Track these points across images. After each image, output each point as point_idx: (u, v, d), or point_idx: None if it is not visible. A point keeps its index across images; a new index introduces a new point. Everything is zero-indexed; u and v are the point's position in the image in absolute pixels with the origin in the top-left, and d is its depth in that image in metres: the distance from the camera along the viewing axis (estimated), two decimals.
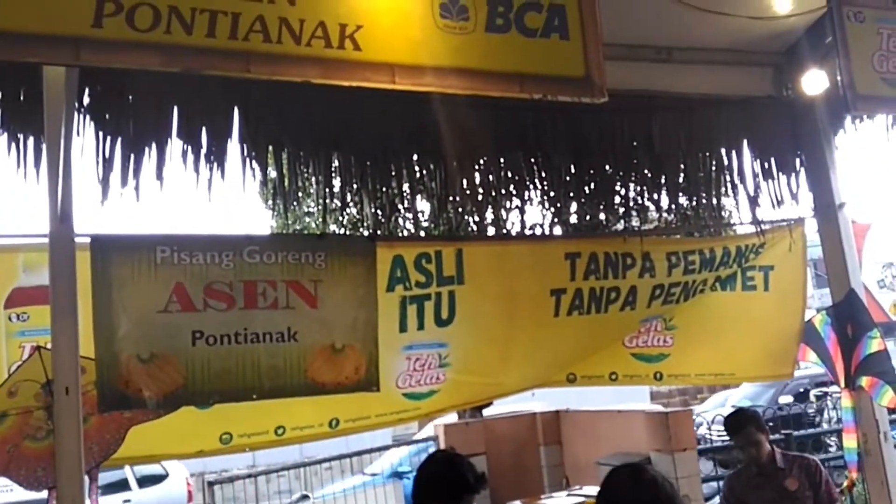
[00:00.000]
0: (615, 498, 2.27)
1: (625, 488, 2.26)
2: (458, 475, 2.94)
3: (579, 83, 2.91)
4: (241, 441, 4.09)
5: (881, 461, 4.81)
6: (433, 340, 4.43)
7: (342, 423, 4.32)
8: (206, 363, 3.70)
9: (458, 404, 5.14)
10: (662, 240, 5.08)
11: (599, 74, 2.88)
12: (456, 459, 3.11)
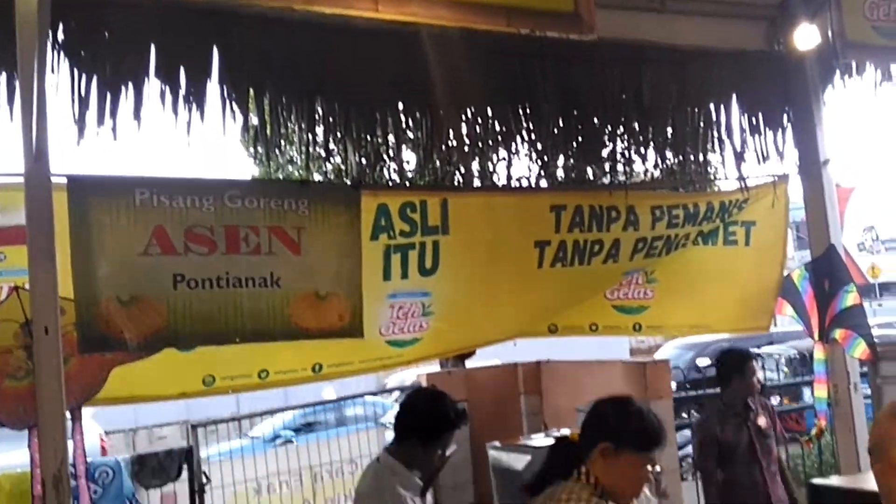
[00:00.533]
0: (603, 426, 2.29)
1: (613, 417, 2.29)
2: (439, 410, 2.98)
3: (567, 18, 2.86)
4: (223, 384, 4.12)
5: (850, 410, 4.94)
6: (417, 289, 4.45)
7: (325, 369, 4.36)
8: (187, 306, 3.71)
9: (440, 352, 5.18)
10: (647, 194, 5.08)
11: (588, 10, 2.84)
12: (437, 395, 3.14)
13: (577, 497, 2.19)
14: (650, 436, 2.27)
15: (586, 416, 2.37)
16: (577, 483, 2.24)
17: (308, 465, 5.76)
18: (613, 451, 2.23)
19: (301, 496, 5.78)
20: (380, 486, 2.94)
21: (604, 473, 2.23)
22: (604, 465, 2.23)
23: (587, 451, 2.26)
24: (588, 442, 2.28)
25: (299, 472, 5.75)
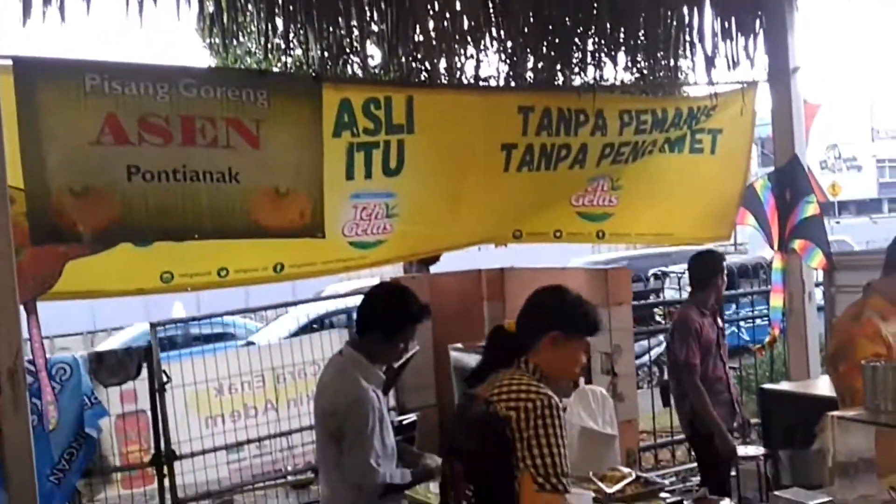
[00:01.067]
0: (550, 316, 2.35)
1: (558, 306, 2.37)
2: (402, 304, 2.97)
3: None
4: (182, 281, 4.06)
5: (803, 319, 5.06)
6: (380, 190, 4.38)
7: (287, 269, 4.31)
8: (143, 200, 3.61)
9: (404, 255, 5.15)
10: (616, 97, 5.01)
11: None
12: (400, 289, 3.13)
13: (518, 380, 2.25)
14: (592, 321, 2.39)
15: (526, 308, 2.41)
16: (518, 371, 2.30)
17: (270, 366, 5.77)
18: (564, 338, 2.32)
19: (263, 397, 5.82)
20: (343, 378, 2.94)
21: (547, 361, 2.32)
22: (549, 353, 2.31)
23: (531, 340, 2.32)
24: (532, 333, 2.33)
25: (261, 372, 5.77)
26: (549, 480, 2.12)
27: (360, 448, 2.81)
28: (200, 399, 5.56)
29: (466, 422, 2.35)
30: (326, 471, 3.01)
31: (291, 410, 5.86)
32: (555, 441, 2.15)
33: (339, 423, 2.86)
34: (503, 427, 2.16)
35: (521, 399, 2.18)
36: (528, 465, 2.13)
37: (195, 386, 5.51)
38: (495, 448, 2.18)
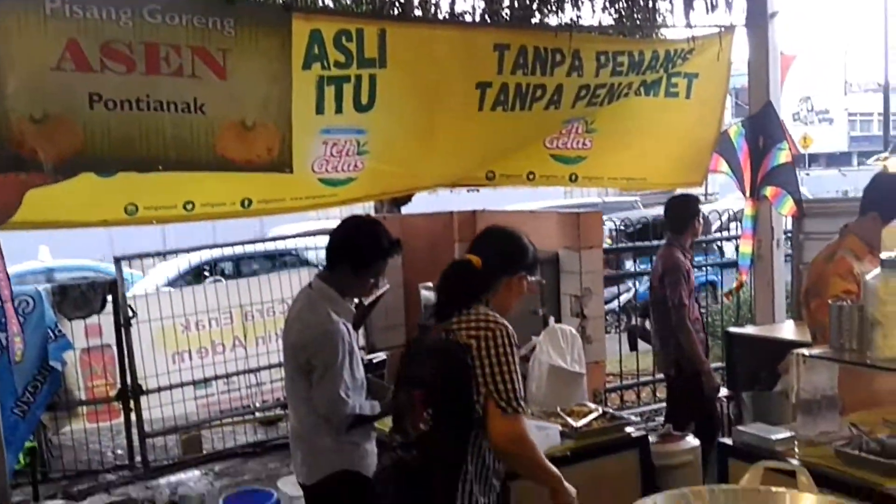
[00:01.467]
0: (511, 260, 2.48)
1: (517, 251, 2.51)
2: (373, 237, 2.94)
3: None
4: (147, 213, 3.97)
5: (770, 265, 5.12)
6: (351, 126, 4.28)
7: (255, 204, 4.23)
8: (106, 128, 3.50)
9: (375, 194, 5.09)
10: (593, 37, 4.92)
11: None
12: (372, 223, 3.09)
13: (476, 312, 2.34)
14: (538, 260, 2.60)
15: (486, 250, 2.47)
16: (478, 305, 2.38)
17: (238, 303, 5.73)
18: (520, 279, 2.49)
19: (231, 333, 5.79)
20: (312, 311, 2.91)
21: (501, 298, 2.46)
22: (505, 292, 2.46)
23: (490, 282, 2.43)
24: (492, 276, 2.43)
25: (229, 309, 5.73)
26: (511, 404, 2.23)
27: (330, 381, 2.80)
28: (167, 334, 5.52)
29: (425, 350, 2.41)
30: (296, 404, 3.00)
31: (260, 348, 5.85)
32: (514, 367, 2.27)
33: (308, 356, 2.84)
34: (464, 354, 2.25)
35: (482, 328, 2.28)
36: (491, 390, 2.23)
37: (161, 321, 5.46)
38: (456, 374, 2.26)
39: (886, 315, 2.35)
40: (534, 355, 3.69)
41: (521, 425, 2.26)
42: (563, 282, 5.57)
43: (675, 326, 4.55)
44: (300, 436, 3.00)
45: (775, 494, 2.00)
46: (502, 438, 2.24)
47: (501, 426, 2.23)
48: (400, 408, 2.46)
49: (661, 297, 4.65)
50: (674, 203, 4.90)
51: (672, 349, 4.68)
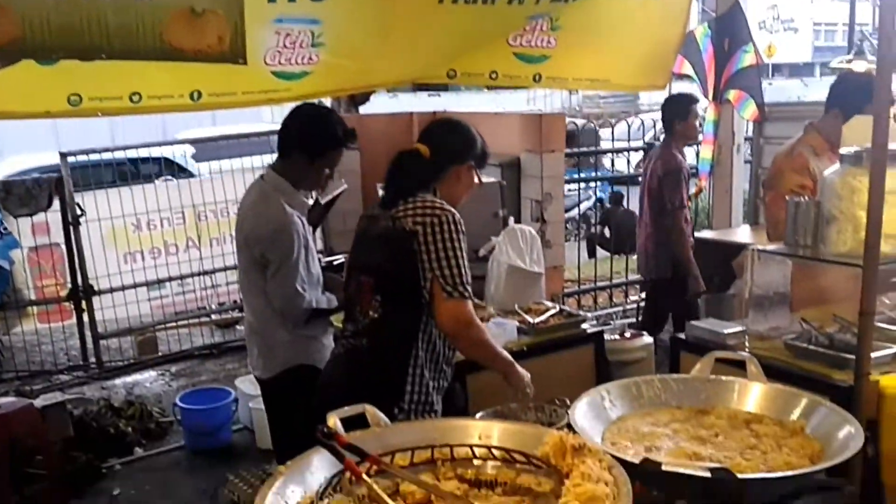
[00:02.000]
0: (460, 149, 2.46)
1: (466, 140, 2.49)
2: (325, 126, 2.84)
3: None
4: (91, 105, 3.76)
5: (730, 171, 5.13)
6: (305, 15, 4.05)
7: (205, 97, 4.02)
8: (44, 17, 3.27)
9: (332, 90, 4.88)
10: None
11: None
12: (324, 110, 3.00)
13: (422, 199, 2.31)
14: (487, 153, 2.57)
15: (434, 140, 2.44)
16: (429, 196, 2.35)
17: (191, 203, 5.58)
18: (469, 169, 2.46)
19: (184, 234, 5.67)
20: (266, 203, 2.83)
21: (450, 189, 2.43)
22: (454, 182, 2.43)
23: (439, 171, 2.40)
24: (440, 165, 2.40)
25: (181, 209, 5.58)
26: (457, 288, 2.23)
27: (285, 275, 2.76)
28: (118, 234, 5.39)
29: (372, 238, 2.38)
30: (251, 298, 2.95)
31: (214, 249, 5.75)
32: (460, 253, 2.26)
33: (262, 250, 2.77)
34: (410, 240, 2.24)
35: (428, 214, 2.26)
36: (437, 275, 2.22)
37: (111, 220, 5.31)
38: (403, 260, 2.25)
39: (843, 211, 2.35)
40: (493, 256, 3.67)
41: (466, 309, 2.25)
42: (524, 186, 5.51)
43: (670, 228, 4.49)
44: (256, 330, 2.96)
45: (724, 382, 2.03)
46: (448, 321, 2.24)
47: (447, 309, 2.23)
48: (350, 296, 2.44)
49: (658, 199, 4.57)
50: (669, 103, 4.79)
51: (662, 252, 4.63)
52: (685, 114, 4.64)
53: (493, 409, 2.42)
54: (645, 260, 4.85)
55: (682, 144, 4.70)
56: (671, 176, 4.50)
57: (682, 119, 4.61)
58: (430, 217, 2.25)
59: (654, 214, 4.67)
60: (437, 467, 1.73)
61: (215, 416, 4.42)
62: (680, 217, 4.45)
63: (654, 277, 4.90)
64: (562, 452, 1.59)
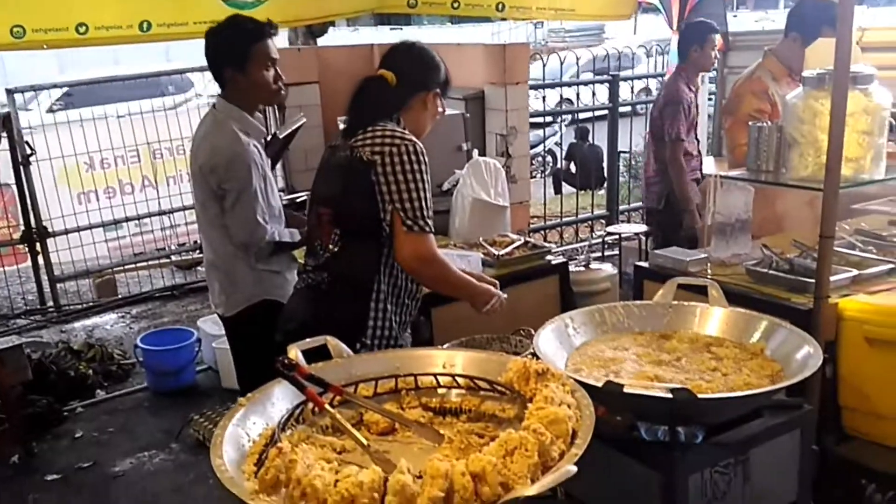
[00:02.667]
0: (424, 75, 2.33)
1: (431, 66, 2.34)
2: (232, 28, 2.71)
3: None
4: (36, 37, 3.62)
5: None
6: None
7: (154, 28, 3.90)
8: None
9: (288, 20, 4.75)
10: None
11: None
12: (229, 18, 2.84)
13: (382, 128, 2.20)
14: (449, 80, 2.41)
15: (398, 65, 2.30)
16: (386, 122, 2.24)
17: (145, 140, 5.41)
18: (434, 96, 2.33)
19: (140, 173, 5.51)
20: (220, 132, 2.73)
21: (415, 118, 2.31)
22: (419, 110, 2.32)
23: (403, 98, 2.28)
24: (405, 92, 2.28)
25: (136, 147, 5.41)
26: (417, 222, 2.14)
27: (245, 205, 2.68)
28: (70, 173, 5.21)
29: (331, 168, 2.29)
30: (209, 233, 2.86)
31: (171, 188, 5.60)
32: (422, 185, 2.16)
33: (219, 180, 2.68)
34: (368, 170, 2.14)
35: (387, 143, 2.15)
36: (398, 207, 2.14)
37: (63, 159, 5.13)
38: (361, 191, 2.16)
39: (804, 135, 2.35)
40: (457, 189, 3.63)
41: (428, 243, 2.17)
42: (489, 120, 5.44)
43: (668, 160, 4.40)
44: (216, 266, 2.88)
45: (686, 308, 2.04)
46: (409, 257, 2.16)
47: (408, 244, 2.14)
48: (310, 229, 2.38)
49: (659, 129, 4.48)
50: (686, 28, 4.56)
51: (659, 185, 4.54)
52: (703, 41, 4.42)
53: (459, 341, 2.41)
54: (644, 188, 4.77)
55: (695, 75, 4.47)
56: (671, 107, 4.37)
57: (699, 45, 4.38)
58: (389, 146, 2.15)
59: (654, 145, 4.57)
60: (401, 396, 1.72)
61: (177, 356, 4.36)
62: (677, 150, 4.34)
63: (646, 206, 4.84)
64: (525, 378, 1.58)
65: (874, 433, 2.31)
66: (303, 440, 1.52)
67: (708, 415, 1.65)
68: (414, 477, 1.23)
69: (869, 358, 2.26)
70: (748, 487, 1.74)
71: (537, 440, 1.29)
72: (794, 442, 1.81)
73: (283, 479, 1.28)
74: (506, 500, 1.20)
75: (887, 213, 3.46)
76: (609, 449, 1.76)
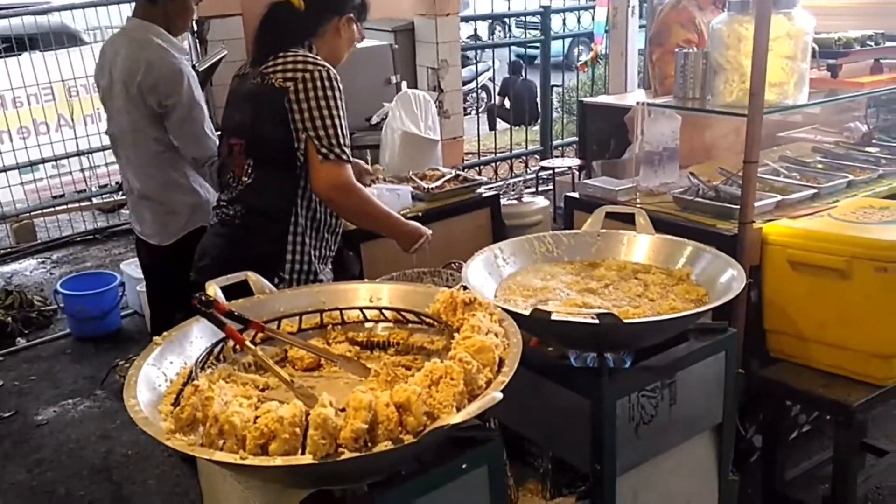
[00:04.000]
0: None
1: None
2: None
3: None
4: None
5: (625, 35, 5.05)
6: None
7: None
8: None
9: None
10: None
11: None
12: None
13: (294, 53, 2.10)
14: (367, 4, 2.31)
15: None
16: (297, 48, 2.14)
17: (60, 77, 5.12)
18: (349, 22, 2.24)
19: (55, 112, 5.23)
20: (147, 49, 2.65)
21: (328, 45, 2.22)
22: (333, 37, 2.22)
23: (315, 24, 2.18)
24: (317, 17, 2.18)
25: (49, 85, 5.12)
26: (333, 150, 2.06)
27: (193, 117, 2.65)
28: None
29: (241, 96, 2.18)
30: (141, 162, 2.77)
31: (89, 128, 5.33)
32: (336, 113, 2.07)
33: (161, 97, 2.61)
34: (280, 98, 2.05)
35: (300, 70, 2.05)
36: (312, 136, 2.05)
37: None
38: (272, 120, 2.07)
39: (729, 60, 2.34)
40: (386, 122, 3.54)
41: (344, 172, 2.09)
42: (420, 53, 5.32)
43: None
44: (149, 197, 2.81)
45: (614, 235, 2.04)
46: (325, 186, 2.08)
47: (323, 173, 2.06)
48: (223, 162, 2.28)
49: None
50: None
51: None
52: None
53: (390, 276, 2.37)
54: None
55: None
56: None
57: None
58: (301, 73, 2.04)
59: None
60: (327, 332, 1.68)
61: (100, 301, 4.22)
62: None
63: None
64: (452, 308, 1.56)
65: (798, 355, 2.37)
66: (223, 378, 1.47)
67: (634, 339, 1.66)
68: (337, 410, 1.19)
69: (792, 281, 2.30)
70: (675, 410, 1.77)
71: (463, 369, 1.27)
72: (718, 365, 1.84)
73: (200, 417, 1.24)
74: (431, 428, 1.18)
75: (811, 140, 3.54)
76: (540, 377, 1.77)
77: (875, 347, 2.21)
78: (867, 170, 2.97)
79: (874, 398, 2.22)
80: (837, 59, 2.83)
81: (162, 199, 2.77)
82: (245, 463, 1.15)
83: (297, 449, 1.17)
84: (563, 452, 1.82)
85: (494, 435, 1.49)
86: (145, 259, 2.98)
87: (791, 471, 2.59)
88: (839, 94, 2.88)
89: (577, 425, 1.69)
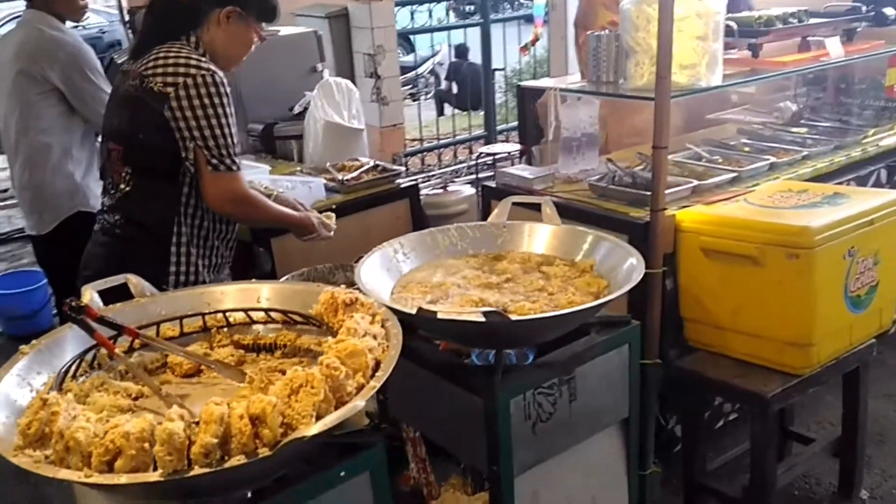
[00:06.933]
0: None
1: None
2: None
3: None
4: None
5: (564, 14, 5.00)
6: None
7: None
8: None
9: None
10: None
11: None
12: None
13: (176, 53, 1.96)
14: (272, 5, 2.12)
15: None
16: (177, 43, 2.00)
17: None
18: (238, 17, 2.04)
19: None
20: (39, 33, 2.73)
21: (216, 39, 2.04)
22: (220, 31, 2.04)
23: (199, 13, 2.03)
24: (200, 7, 2.03)
25: None
26: (224, 161, 1.95)
27: (96, 85, 2.75)
28: None
29: (119, 100, 2.05)
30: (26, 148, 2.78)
31: None
32: (224, 121, 1.95)
33: (65, 72, 2.71)
34: (161, 104, 1.91)
35: (180, 74, 1.92)
36: (200, 146, 1.93)
37: None
38: (153, 127, 1.93)
39: (640, 42, 2.29)
40: (308, 112, 3.44)
41: (237, 183, 1.98)
42: (355, 39, 5.20)
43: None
44: (27, 188, 2.83)
45: (518, 227, 1.98)
46: (218, 199, 1.97)
47: (215, 185, 1.95)
48: (103, 166, 2.15)
49: None
50: None
51: None
52: None
53: (300, 272, 2.30)
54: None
55: None
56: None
57: None
58: (183, 77, 1.90)
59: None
60: (211, 335, 1.61)
61: (30, 299, 4.13)
62: None
63: None
64: (333, 309, 1.50)
65: (715, 344, 2.34)
66: (97, 387, 1.42)
67: (524, 336, 1.62)
68: (189, 423, 1.13)
69: (705, 269, 2.28)
70: (576, 406, 1.73)
71: (327, 376, 1.21)
72: (622, 358, 1.81)
73: (48, 433, 1.17)
74: (286, 441, 1.12)
75: (741, 122, 3.51)
76: (437, 377, 1.72)
77: (789, 336, 2.18)
78: (791, 151, 2.95)
79: (790, 388, 2.19)
80: (758, 39, 2.80)
81: (40, 185, 2.79)
82: (90, 481, 1.10)
83: (147, 465, 1.11)
84: (462, 454, 1.79)
85: (377, 440, 1.43)
86: (39, 254, 2.96)
87: (716, 461, 2.56)
88: (760, 75, 2.85)
89: (472, 426, 1.64)
